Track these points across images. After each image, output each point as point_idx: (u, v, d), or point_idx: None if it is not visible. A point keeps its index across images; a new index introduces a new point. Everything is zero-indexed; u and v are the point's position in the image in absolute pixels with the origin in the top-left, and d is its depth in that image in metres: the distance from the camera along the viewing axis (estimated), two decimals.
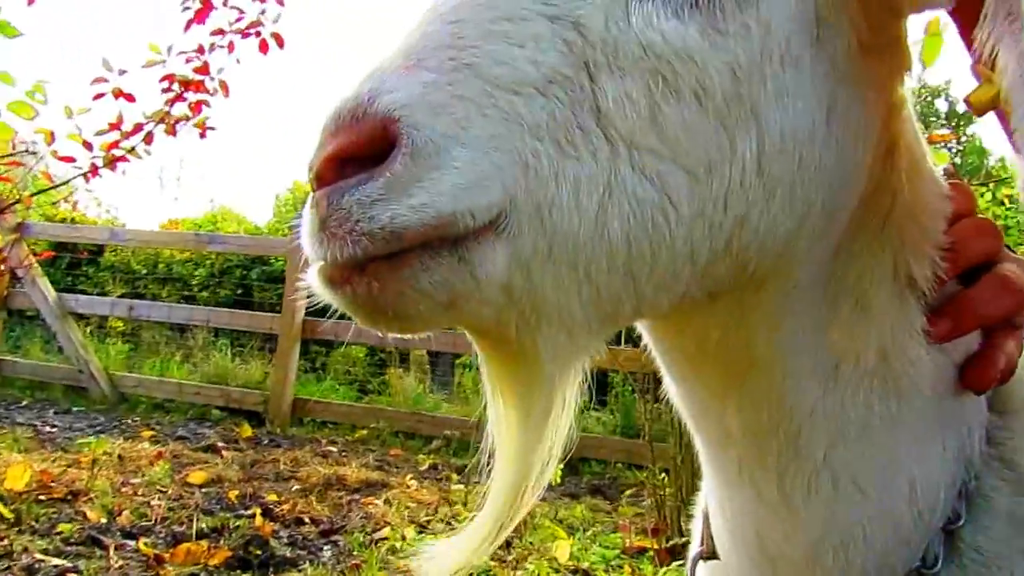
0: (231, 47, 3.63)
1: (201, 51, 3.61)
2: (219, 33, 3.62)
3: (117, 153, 3.62)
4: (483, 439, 0.68)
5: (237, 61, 3.66)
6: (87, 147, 3.58)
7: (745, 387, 0.71)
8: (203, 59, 3.60)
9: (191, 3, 3.49)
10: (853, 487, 0.70)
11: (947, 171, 0.76)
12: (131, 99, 3.62)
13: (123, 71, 3.59)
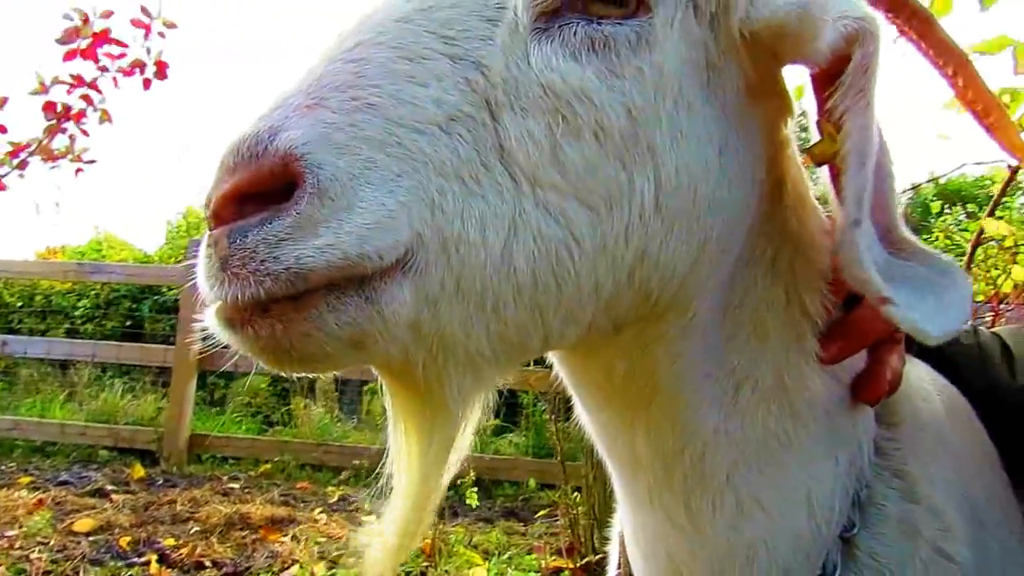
0: (115, 82, 3.46)
1: (81, 82, 3.40)
2: (103, 69, 3.44)
3: None
4: (385, 464, 0.68)
5: (117, 86, 3.48)
6: None
7: (651, 414, 0.73)
8: (83, 91, 3.40)
9: (74, 37, 3.29)
10: (755, 505, 0.73)
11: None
12: (3, 130, 3.38)
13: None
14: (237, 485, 5.26)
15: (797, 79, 0.75)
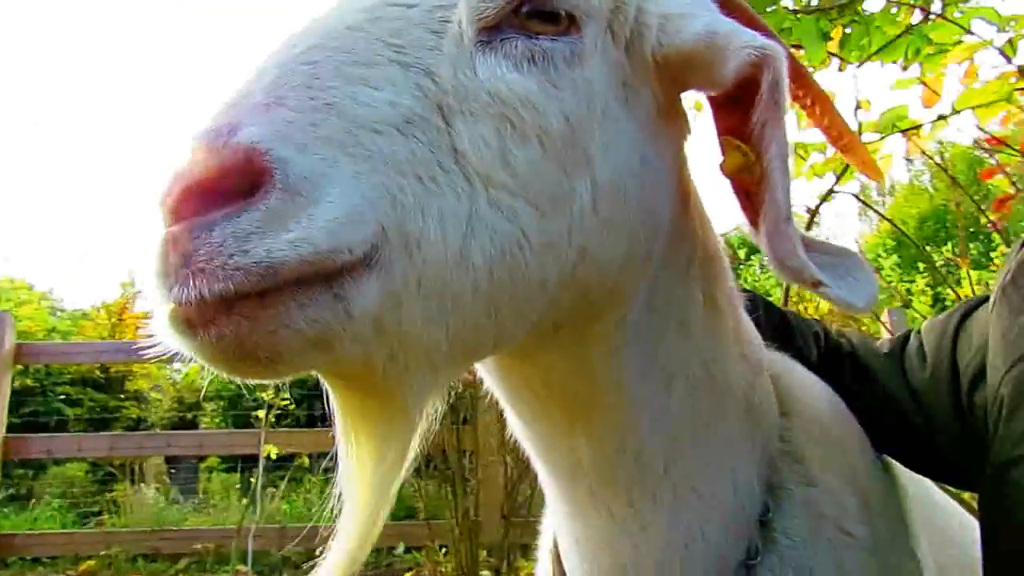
0: None
1: None
2: None
3: None
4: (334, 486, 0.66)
5: None
6: None
7: (592, 416, 0.77)
8: None
9: None
10: (691, 492, 0.78)
11: None
12: None
13: None
14: None
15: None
